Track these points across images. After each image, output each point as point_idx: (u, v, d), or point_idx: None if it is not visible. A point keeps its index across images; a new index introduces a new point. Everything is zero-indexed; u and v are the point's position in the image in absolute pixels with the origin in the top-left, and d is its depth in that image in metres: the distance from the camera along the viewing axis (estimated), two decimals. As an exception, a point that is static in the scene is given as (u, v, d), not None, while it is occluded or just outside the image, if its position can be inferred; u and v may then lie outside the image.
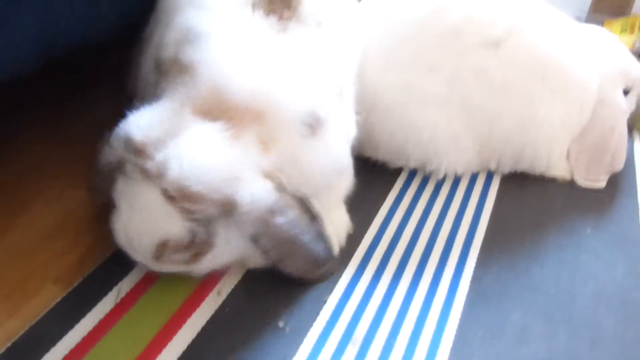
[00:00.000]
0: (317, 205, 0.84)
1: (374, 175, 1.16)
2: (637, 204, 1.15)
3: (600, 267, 0.98)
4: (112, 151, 0.77)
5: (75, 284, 0.89)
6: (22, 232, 1.00)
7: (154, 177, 0.72)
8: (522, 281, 0.94)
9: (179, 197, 0.72)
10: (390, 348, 0.81)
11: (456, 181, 1.18)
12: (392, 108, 1.09)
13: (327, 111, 0.85)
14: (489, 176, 1.20)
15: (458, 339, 0.83)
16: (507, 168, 1.19)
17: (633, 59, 1.25)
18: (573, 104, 1.14)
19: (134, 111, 0.77)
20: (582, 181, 1.19)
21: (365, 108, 1.06)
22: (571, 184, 1.19)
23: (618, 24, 1.72)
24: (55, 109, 1.34)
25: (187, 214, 0.73)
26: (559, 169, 1.19)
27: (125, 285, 0.89)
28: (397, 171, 1.19)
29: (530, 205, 1.12)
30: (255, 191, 0.74)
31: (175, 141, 0.72)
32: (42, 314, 0.84)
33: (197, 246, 0.77)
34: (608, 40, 1.25)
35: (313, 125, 0.82)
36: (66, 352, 0.78)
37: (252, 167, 0.76)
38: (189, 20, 0.85)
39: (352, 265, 0.95)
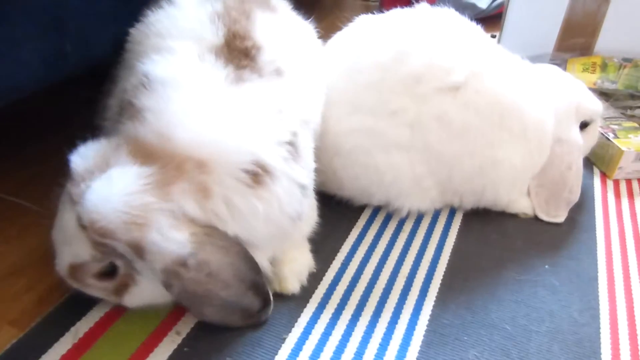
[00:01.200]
0: (265, 254, 0.88)
1: (339, 211, 1.18)
2: (595, 239, 1.17)
3: (557, 303, 1.00)
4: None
5: (33, 324, 0.89)
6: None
7: (76, 203, 0.76)
8: (480, 318, 0.95)
9: (89, 228, 0.75)
10: (347, 388, 0.82)
11: (419, 218, 1.20)
12: (355, 151, 1.12)
13: (275, 160, 0.84)
14: (452, 213, 1.22)
15: (415, 378, 0.84)
16: (469, 205, 1.22)
17: (588, 93, 1.30)
18: (531, 145, 1.17)
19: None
20: (544, 216, 1.22)
21: (330, 151, 1.09)
22: (532, 221, 1.21)
23: (580, 62, 1.77)
24: (11, 149, 1.35)
25: (97, 246, 0.77)
26: (520, 206, 1.23)
27: (83, 326, 0.89)
28: (362, 207, 1.21)
29: (491, 242, 1.14)
30: (164, 241, 0.74)
31: (100, 176, 0.76)
32: (-3, 358, 0.83)
33: (120, 278, 0.81)
34: (561, 79, 1.30)
35: (257, 174, 0.81)
36: (20, 396, 0.77)
37: (171, 216, 0.76)
38: (147, 65, 0.87)
39: (312, 303, 0.96)
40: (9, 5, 0.83)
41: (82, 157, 0.79)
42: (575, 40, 1.86)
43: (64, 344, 0.86)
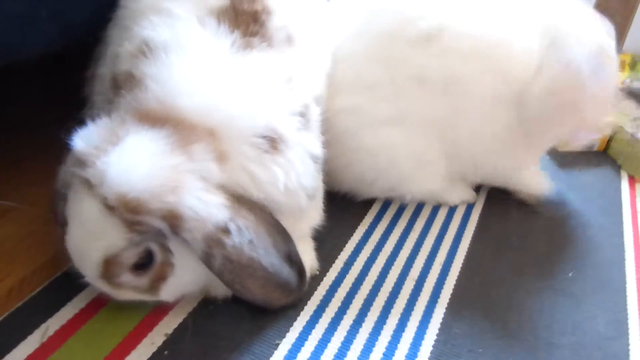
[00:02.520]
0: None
1: (343, 206, 1.09)
2: (623, 247, 1.08)
3: (581, 315, 0.91)
4: (65, 169, 0.75)
5: (-1, 320, 0.81)
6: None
7: (95, 186, 0.68)
8: (497, 328, 0.86)
9: (119, 206, 0.67)
10: (344, 404, 0.72)
11: (432, 215, 1.11)
12: (345, 135, 1.02)
13: (288, 129, 0.79)
14: (468, 212, 1.13)
15: (422, 395, 0.75)
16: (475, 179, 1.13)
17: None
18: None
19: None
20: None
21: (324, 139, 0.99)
22: (555, 224, 1.12)
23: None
24: (12, 124, 1.26)
25: (130, 225, 0.68)
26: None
27: (53, 324, 0.80)
28: (369, 202, 1.12)
29: (510, 244, 1.05)
30: (201, 204, 0.69)
31: (115, 148, 0.69)
32: (-45, 353, 0.75)
33: (156, 269, 0.73)
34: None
35: (274, 139, 0.77)
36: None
37: (201, 178, 0.71)
38: (147, 30, 0.81)
39: (310, 306, 0.87)
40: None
41: (85, 138, 0.72)
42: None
43: (31, 342, 0.78)
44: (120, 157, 0.68)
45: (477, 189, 1.19)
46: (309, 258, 0.93)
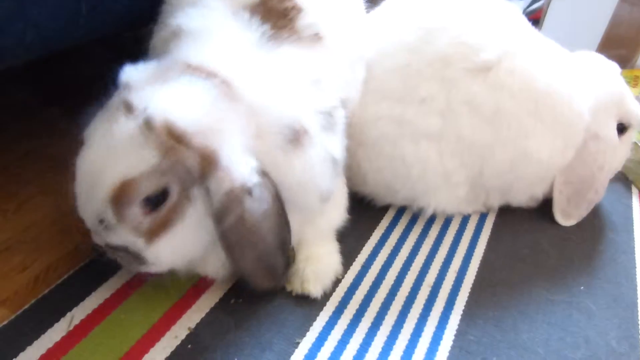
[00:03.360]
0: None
1: (360, 210, 1.10)
2: (635, 262, 1.10)
3: (593, 329, 0.92)
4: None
5: (26, 307, 0.83)
6: (-25, 245, 0.94)
7: (137, 108, 0.69)
8: (510, 338, 0.88)
9: (163, 131, 0.68)
10: (363, 405, 0.74)
11: (446, 223, 1.13)
12: (381, 142, 1.04)
13: (314, 126, 0.81)
14: (481, 221, 1.15)
15: (438, 399, 0.76)
16: (496, 204, 1.16)
17: (631, 93, 1.19)
18: (560, 139, 1.08)
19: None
20: (559, 217, 1.15)
21: (354, 141, 1.01)
22: (566, 238, 1.14)
23: (622, 75, 1.70)
24: (13, 123, 1.29)
25: (166, 151, 0.69)
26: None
27: (79, 313, 0.83)
28: (385, 208, 1.14)
29: (523, 256, 1.07)
30: (237, 159, 0.71)
31: (169, 82, 0.72)
32: (-17, 338, 0.77)
33: (165, 211, 0.72)
34: (606, 68, 1.20)
35: (298, 132, 0.79)
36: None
37: (240, 135, 0.73)
38: (180, 18, 0.86)
39: (329, 307, 0.89)
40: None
41: (136, 70, 0.75)
42: (616, 52, 1.78)
43: (58, 330, 0.80)
44: (175, 88, 0.71)
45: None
46: (333, 261, 0.95)
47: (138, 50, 0.95)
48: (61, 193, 1.03)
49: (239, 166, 0.71)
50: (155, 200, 0.71)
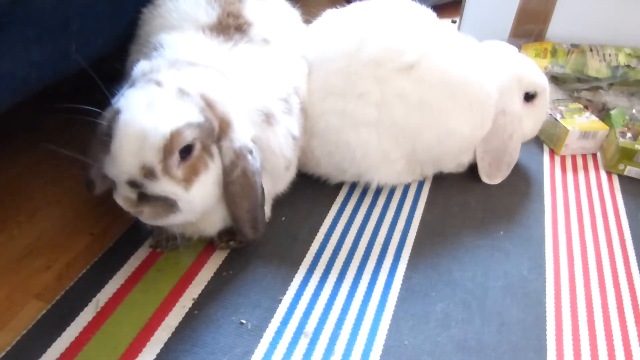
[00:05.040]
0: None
1: (317, 190, 1.32)
2: (544, 209, 1.35)
3: (510, 263, 1.17)
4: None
5: (57, 298, 1.00)
6: (-1, 252, 1.10)
7: (166, 84, 0.88)
8: (445, 278, 1.11)
9: (197, 95, 0.88)
10: (336, 338, 0.96)
11: (391, 193, 1.35)
12: (329, 131, 1.25)
13: (276, 110, 1.05)
14: (419, 188, 1.38)
15: (392, 328, 0.99)
16: (430, 173, 1.41)
17: (531, 66, 1.43)
18: (477, 116, 1.33)
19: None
20: (485, 178, 1.41)
21: (307, 133, 1.22)
22: (489, 194, 1.38)
23: (533, 48, 1.93)
24: (24, 130, 1.44)
25: (201, 111, 0.88)
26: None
27: (103, 296, 1.01)
28: (339, 186, 1.36)
29: (454, 213, 1.31)
30: (241, 126, 0.94)
31: (180, 70, 0.93)
32: (28, 327, 0.95)
33: (193, 161, 0.88)
34: (505, 53, 1.44)
35: (268, 116, 1.02)
36: (54, 360, 0.89)
37: (245, 110, 0.97)
38: (160, 36, 1.07)
39: (302, 268, 1.10)
40: (21, 8, 0.91)
41: (149, 63, 0.93)
42: (528, 27, 2.00)
43: (88, 313, 0.98)
44: (192, 72, 0.92)
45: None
46: (267, 209, 1.17)
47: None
48: (63, 203, 1.21)
49: (244, 132, 0.94)
50: (185, 153, 0.87)
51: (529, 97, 1.42)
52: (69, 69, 1.06)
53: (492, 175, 1.41)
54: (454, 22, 2.37)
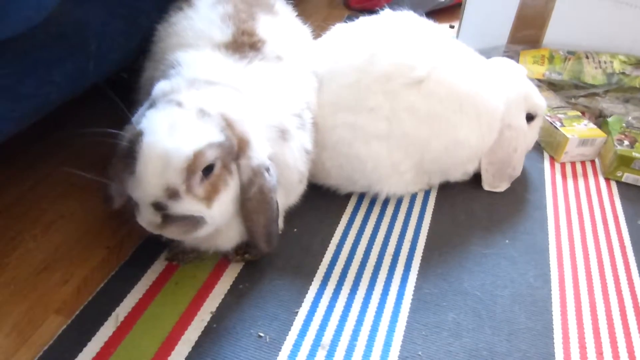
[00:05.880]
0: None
1: (327, 200, 1.35)
2: (546, 216, 1.38)
3: (516, 271, 1.20)
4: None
5: (77, 312, 1.02)
6: (16, 268, 1.11)
7: (186, 105, 0.89)
8: (455, 287, 1.14)
9: (217, 115, 0.90)
10: (352, 349, 0.99)
11: (398, 203, 1.38)
12: (340, 144, 1.28)
13: (291, 126, 1.08)
14: (426, 197, 1.41)
15: (406, 338, 1.02)
16: (437, 182, 1.44)
17: (534, 87, 1.49)
18: (484, 127, 1.36)
19: None
20: (487, 187, 1.45)
21: (318, 146, 1.25)
22: (494, 203, 1.41)
23: (531, 55, 1.97)
24: (34, 146, 1.45)
25: (222, 130, 0.90)
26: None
27: (122, 310, 1.02)
28: (348, 196, 1.38)
29: (460, 222, 1.34)
30: (259, 144, 0.97)
31: (199, 90, 0.95)
32: (50, 343, 0.96)
33: (213, 179, 0.90)
34: (513, 71, 1.49)
35: (283, 132, 1.05)
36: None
37: (261, 127, 1.00)
38: (176, 54, 1.09)
39: (316, 280, 1.13)
40: (44, 31, 0.93)
41: (169, 83, 0.95)
42: (526, 33, 2.03)
43: (108, 327, 0.99)
44: (211, 92, 0.94)
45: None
46: (280, 221, 1.17)
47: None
48: (77, 216, 1.22)
49: (261, 150, 0.96)
50: (206, 172, 0.89)
51: (528, 117, 1.47)
52: (86, 86, 1.08)
53: (495, 186, 1.45)
54: (451, 27, 2.40)
